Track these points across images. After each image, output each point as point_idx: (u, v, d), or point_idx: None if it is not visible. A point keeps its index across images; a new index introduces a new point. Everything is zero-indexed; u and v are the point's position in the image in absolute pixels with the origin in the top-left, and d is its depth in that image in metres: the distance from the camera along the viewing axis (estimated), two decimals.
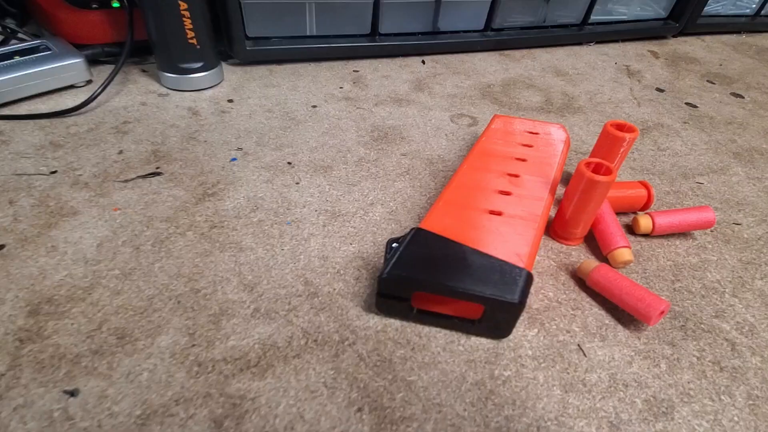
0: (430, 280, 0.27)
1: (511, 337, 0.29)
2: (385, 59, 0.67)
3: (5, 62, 0.48)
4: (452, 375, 0.27)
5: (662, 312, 0.29)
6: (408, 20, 0.66)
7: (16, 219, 0.35)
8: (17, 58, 0.49)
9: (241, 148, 0.45)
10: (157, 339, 0.28)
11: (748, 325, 0.31)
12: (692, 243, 0.38)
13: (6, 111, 0.47)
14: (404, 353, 0.28)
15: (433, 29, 0.68)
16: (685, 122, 0.56)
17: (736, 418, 0.26)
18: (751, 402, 0.27)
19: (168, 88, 0.54)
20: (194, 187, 0.40)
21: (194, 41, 0.51)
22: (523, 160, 0.39)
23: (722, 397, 0.27)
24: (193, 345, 0.28)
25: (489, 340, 0.29)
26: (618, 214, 0.40)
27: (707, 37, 0.85)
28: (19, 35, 0.59)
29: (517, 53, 0.72)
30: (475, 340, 0.29)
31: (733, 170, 0.48)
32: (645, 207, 0.39)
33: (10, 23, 0.63)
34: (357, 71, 0.63)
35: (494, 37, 0.70)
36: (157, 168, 0.41)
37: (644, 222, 0.37)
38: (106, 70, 0.55)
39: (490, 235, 0.31)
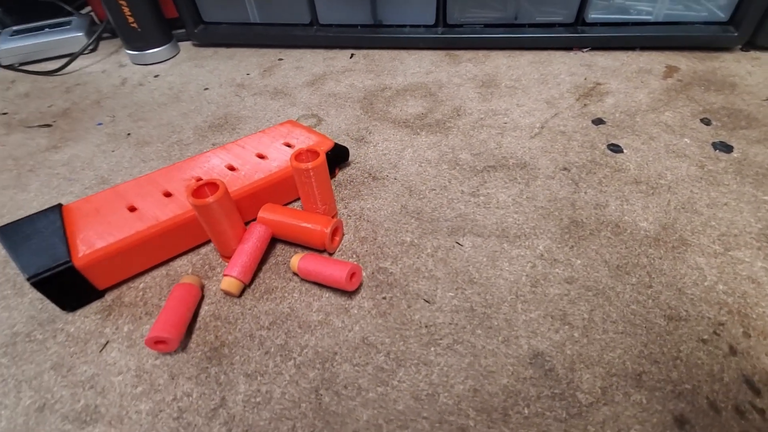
0: None
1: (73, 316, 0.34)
2: (320, 50, 0.68)
3: (36, 32, 0.70)
4: None
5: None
6: (348, 11, 0.65)
7: None
8: (46, 30, 0.71)
9: (114, 116, 0.56)
10: None
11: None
12: (340, 301, 0.33)
13: (32, 67, 0.69)
14: None
15: (374, 22, 0.65)
16: (563, 169, 0.43)
17: None
18: None
19: (131, 62, 0.69)
20: (56, 139, 0.53)
21: (135, 25, 0.64)
22: (234, 169, 0.40)
23: None
24: None
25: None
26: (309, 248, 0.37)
27: None
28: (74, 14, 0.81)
29: (467, 54, 0.63)
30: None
31: (534, 244, 0.36)
32: (331, 248, 0.35)
33: (67, 6, 0.84)
34: (281, 60, 0.66)
35: (443, 35, 0.63)
36: (54, 121, 0.56)
37: (293, 261, 0.34)
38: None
39: (102, 223, 0.35)
